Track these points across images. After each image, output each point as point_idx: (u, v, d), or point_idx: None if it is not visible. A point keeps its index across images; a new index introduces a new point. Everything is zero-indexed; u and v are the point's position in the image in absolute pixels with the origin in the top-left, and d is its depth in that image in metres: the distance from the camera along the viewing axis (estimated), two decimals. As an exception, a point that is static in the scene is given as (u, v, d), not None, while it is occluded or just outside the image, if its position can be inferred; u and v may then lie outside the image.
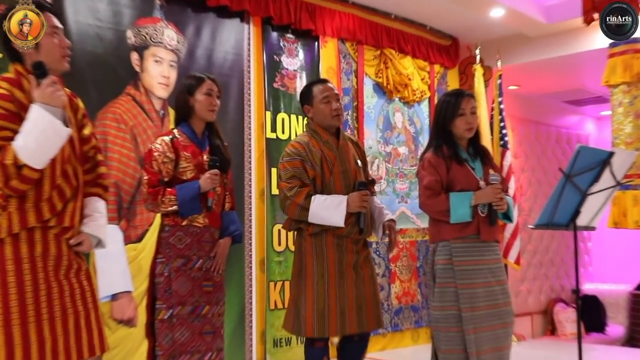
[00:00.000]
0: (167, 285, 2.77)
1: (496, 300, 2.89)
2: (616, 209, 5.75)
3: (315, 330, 3.07)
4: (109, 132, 3.98)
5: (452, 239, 2.91)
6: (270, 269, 4.78)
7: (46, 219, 2.21)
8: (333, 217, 3.06)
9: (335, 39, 5.41)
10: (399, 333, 5.77)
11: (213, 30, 4.62)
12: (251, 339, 4.65)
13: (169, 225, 2.85)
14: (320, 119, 3.26)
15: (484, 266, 2.91)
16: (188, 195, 2.79)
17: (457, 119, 2.95)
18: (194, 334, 2.75)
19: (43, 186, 2.20)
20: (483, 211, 2.91)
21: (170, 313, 2.74)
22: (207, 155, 2.93)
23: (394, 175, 5.89)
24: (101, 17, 4.02)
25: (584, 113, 9.23)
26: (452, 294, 2.88)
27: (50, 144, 2.13)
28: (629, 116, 5.80)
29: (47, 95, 2.14)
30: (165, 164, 2.82)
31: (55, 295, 2.20)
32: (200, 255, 2.85)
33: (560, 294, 8.40)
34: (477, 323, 2.82)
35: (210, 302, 2.85)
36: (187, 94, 2.94)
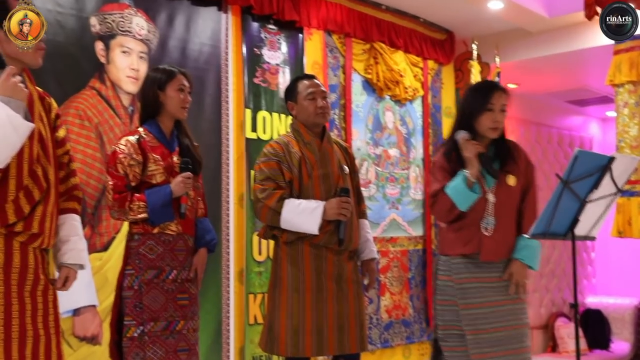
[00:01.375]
0: (138, 299, 2.74)
1: (507, 321, 2.78)
2: (621, 217, 5.79)
3: (288, 349, 3.06)
4: (71, 130, 3.93)
5: (453, 255, 2.84)
6: (250, 280, 4.76)
7: (11, 222, 2.18)
8: (306, 224, 3.03)
9: (321, 31, 5.41)
10: (389, 349, 5.78)
11: (187, 19, 4.59)
12: (229, 356, 4.62)
13: (138, 234, 2.82)
14: (304, 117, 3.26)
15: (489, 284, 2.80)
16: (159, 201, 2.76)
17: (483, 114, 2.81)
18: (168, 352, 2.73)
19: (8, 186, 2.18)
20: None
21: (141, 330, 2.72)
22: (177, 156, 2.90)
23: (384, 179, 5.89)
24: (62, 3, 3.97)
25: (588, 114, 9.32)
26: (454, 313, 2.81)
27: (8, 141, 2.11)
28: (635, 117, 5.85)
29: (7, 87, 2.12)
30: (132, 167, 2.79)
31: (14, 313, 2.17)
32: (174, 266, 2.82)
33: (561, 308, 8.44)
34: (481, 347, 2.74)
35: (186, 317, 2.83)
36: (157, 88, 2.91)
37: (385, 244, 5.82)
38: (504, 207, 2.80)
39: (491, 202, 2.79)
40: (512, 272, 2.79)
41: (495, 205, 2.79)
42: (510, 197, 2.84)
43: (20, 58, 2.28)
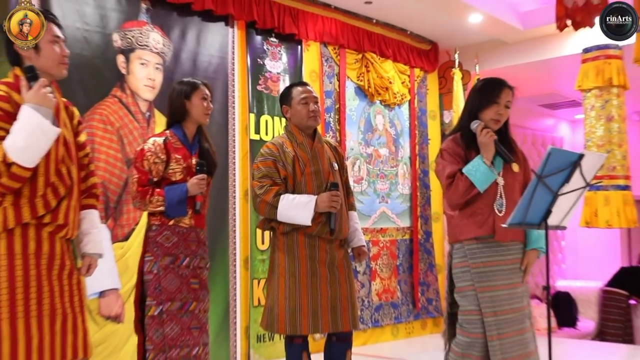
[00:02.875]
0: (157, 282, 2.78)
1: (520, 302, 2.73)
2: (588, 208, 5.84)
3: (287, 327, 3.07)
4: (96, 134, 3.98)
5: (466, 240, 2.73)
6: (254, 267, 4.80)
7: (40, 215, 2.22)
8: (300, 216, 3.04)
9: (317, 42, 5.44)
10: (379, 329, 5.82)
11: (198, 34, 4.63)
12: (235, 335, 4.67)
13: (156, 225, 2.86)
14: (297, 120, 3.26)
15: (505, 267, 2.71)
16: (175, 198, 2.80)
17: (490, 107, 2.77)
18: (183, 329, 2.77)
19: (37, 183, 2.23)
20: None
21: (160, 309, 2.76)
22: (196, 158, 2.94)
23: (375, 176, 5.93)
24: (88, 21, 4.02)
25: (559, 116, 9.34)
26: (472, 298, 2.70)
27: (39, 143, 2.16)
28: (601, 119, 5.89)
29: (39, 97, 2.17)
30: (156, 164, 2.83)
31: (45, 294, 2.22)
32: (187, 254, 2.86)
33: (534, 291, 8.49)
34: (501, 328, 2.65)
35: (198, 299, 2.86)
36: (183, 98, 2.95)
37: (375, 234, 5.86)
38: (512, 191, 2.76)
39: (501, 185, 2.73)
40: (530, 261, 2.77)
41: (504, 188, 2.74)
42: (515, 181, 2.80)
43: (48, 71, 2.32)
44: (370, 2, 5.50)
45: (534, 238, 2.78)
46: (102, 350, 3.88)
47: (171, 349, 2.72)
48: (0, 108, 2.18)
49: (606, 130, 5.87)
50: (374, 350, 5.39)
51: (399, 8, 5.66)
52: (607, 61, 5.82)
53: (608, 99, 5.87)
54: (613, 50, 5.82)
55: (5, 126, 2.16)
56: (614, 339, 7.83)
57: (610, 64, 5.82)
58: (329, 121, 5.51)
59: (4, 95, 2.21)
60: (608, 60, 5.82)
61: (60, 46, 2.35)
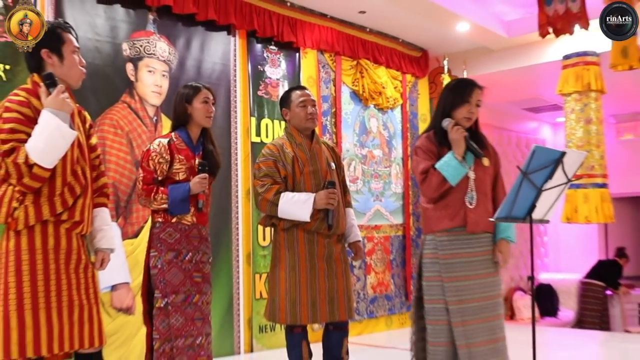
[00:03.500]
0: (162, 276, 2.78)
1: (489, 292, 2.68)
2: (568, 205, 5.87)
3: (288, 317, 3.08)
4: (106, 137, 3.99)
5: (439, 232, 2.71)
6: (256, 262, 4.81)
7: (59, 212, 2.25)
8: (299, 213, 3.05)
9: (314, 50, 5.46)
10: (374, 320, 5.84)
11: (202, 43, 4.65)
12: (239, 326, 4.69)
13: (159, 222, 2.85)
14: (296, 122, 3.26)
15: (473, 259, 2.68)
16: (179, 196, 2.79)
17: (462, 106, 2.75)
18: (187, 319, 2.76)
19: (55, 183, 2.25)
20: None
21: (165, 301, 2.76)
22: (199, 159, 2.93)
23: (369, 175, 5.95)
24: (99, 32, 4.04)
25: (541, 119, 9.37)
26: (438, 288, 2.68)
27: (57, 145, 2.18)
28: (580, 122, 5.93)
29: (57, 102, 2.19)
30: (160, 164, 2.82)
31: (64, 286, 2.24)
32: (189, 249, 2.85)
33: (519, 283, 8.54)
34: (465, 316, 2.61)
35: (200, 292, 2.86)
36: (185, 102, 2.93)
37: (370, 231, 5.89)
38: (483, 184, 2.75)
39: (472, 179, 2.70)
40: (502, 250, 2.75)
41: (475, 182, 2.72)
42: (486, 175, 2.78)
43: (67, 79, 2.35)
44: (364, 12, 5.52)
45: (502, 228, 2.76)
46: (115, 340, 3.90)
47: (177, 339, 2.72)
48: (21, 113, 2.20)
49: (585, 132, 5.91)
50: (369, 339, 5.41)
51: (391, 17, 5.68)
52: (586, 67, 5.86)
53: (587, 103, 5.91)
54: (591, 57, 5.86)
55: (26, 130, 2.18)
56: (592, 326, 7.87)
57: (588, 69, 5.86)
58: (325, 124, 5.53)
59: (23, 100, 2.23)
60: (587, 67, 5.86)
61: (79, 56, 2.38)
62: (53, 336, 2.18)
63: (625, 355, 4.98)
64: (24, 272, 2.17)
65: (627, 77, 5.96)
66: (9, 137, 2.17)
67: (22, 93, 2.26)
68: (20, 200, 2.20)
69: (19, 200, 2.20)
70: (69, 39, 2.35)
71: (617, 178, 7.56)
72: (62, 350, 2.22)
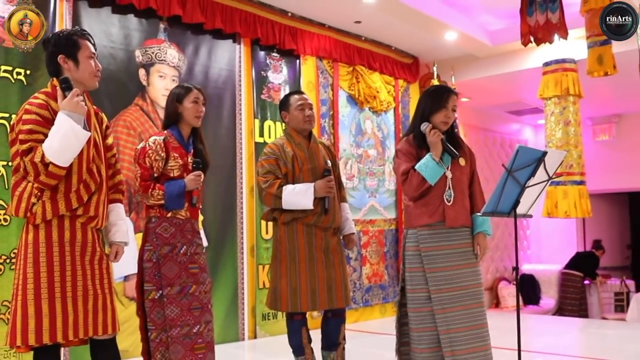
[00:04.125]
0: (156, 269, 2.69)
1: (465, 281, 2.65)
2: (549, 201, 5.87)
3: (289, 305, 3.07)
4: (120, 137, 3.97)
5: (420, 227, 2.69)
6: (259, 254, 4.80)
7: (74, 207, 2.22)
8: (303, 201, 3.04)
9: (314, 57, 5.44)
10: (369, 308, 5.83)
11: (209, 50, 4.62)
12: (243, 314, 4.67)
13: (155, 217, 2.75)
14: (294, 124, 3.24)
15: (452, 251, 2.67)
16: (174, 192, 2.72)
17: (439, 111, 2.72)
18: (183, 310, 2.67)
19: (72, 180, 2.22)
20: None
21: (160, 293, 2.68)
22: (191, 157, 2.84)
23: (365, 173, 5.94)
24: (114, 39, 4.02)
25: (523, 121, 9.36)
26: (421, 278, 2.66)
27: (71, 145, 2.15)
28: (559, 124, 5.93)
29: (72, 105, 2.17)
30: (157, 161, 2.73)
31: (79, 277, 2.21)
32: (184, 243, 2.76)
33: (503, 274, 8.54)
34: (445, 304, 2.60)
35: (197, 282, 2.76)
36: (176, 101, 2.84)
37: (365, 225, 5.87)
38: (459, 182, 2.73)
39: (449, 178, 2.69)
40: (479, 242, 2.73)
41: (452, 180, 2.70)
42: (463, 174, 2.76)
43: (84, 82, 2.32)
44: (360, 22, 5.51)
45: (479, 222, 2.75)
46: (128, 327, 3.87)
47: (172, 328, 2.64)
48: (39, 115, 2.18)
49: (564, 133, 5.91)
50: (365, 326, 5.40)
51: (385, 27, 5.67)
52: (565, 73, 5.87)
53: (565, 106, 5.90)
54: (569, 64, 5.87)
55: (43, 130, 2.16)
56: (571, 314, 7.88)
57: (567, 75, 5.86)
58: (324, 126, 5.51)
59: (42, 103, 2.21)
60: (565, 73, 5.87)
61: (95, 61, 2.35)
62: (68, 324, 2.16)
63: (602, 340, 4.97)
64: (41, 263, 2.15)
65: (602, 82, 5.99)
66: (27, 138, 2.15)
67: (42, 96, 2.24)
68: (38, 196, 2.18)
69: (37, 196, 2.18)
70: (85, 45, 2.32)
71: (594, 176, 7.57)
72: (77, 337, 2.19)
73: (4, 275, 3.36)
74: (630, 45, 5.09)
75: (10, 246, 3.38)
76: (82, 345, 2.35)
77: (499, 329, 4.09)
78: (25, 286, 2.14)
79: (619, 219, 9.89)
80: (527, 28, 4.22)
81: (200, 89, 2.91)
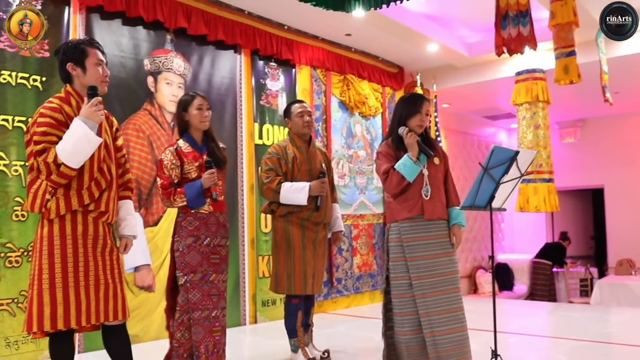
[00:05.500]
0: (182, 258, 2.72)
1: (443, 269, 2.65)
2: (521, 197, 5.87)
3: (286, 288, 3.16)
4: (130, 140, 3.91)
5: (401, 220, 2.69)
6: (259, 246, 4.76)
7: (86, 203, 2.18)
8: (298, 197, 3.12)
9: (308, 66, 5.40)
10: (360, 294, 5.80)
11: (212, 59, 4.57)
12: (245, 301, 4.63)
13: (182, 212, 2.78)
14: (295, 129, 3.31)
15: (431, 241, 2.67)
16: (194, 193, 2.72)
17: (414, 116, 2.73)
18: (204, 295, 2.69)
19: (84, 178, 2.18)
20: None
21: (185, 279, 2.70)
22: (206, 157, 2.82)
23: (355, 172, 5.91)
24: (124, 49, 3.96)
25: (498, 125, 9.38)
26: (403, 266, 2.66)
27: (84, 149, 2.11)
28: (530, 127, 5.93)
29: (89, 112, 2.12)
30: (173, 169, 2.74)
31: (91, 267, 2.16)
32: (207, 235, 2.76)
33: (480, 263, 8.55)
34: (424, 289, 2.60)
35: (217, 271, 2.77)
36: (182, 111, 2.83)
37: (356, 219, 5.84)
38: (435, 179, 2.73)
39: (426, 175, 2.70)
40: (455, 234, 2.73)
41: (429, 177, 2.72)
42: (438, 171, 2.77)
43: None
44: (350, 34, 5.48)
45: (454, 215, 2.75)
46: (137, 314, 3.82)
47: (194, 311, 2.67)
48: (53, 118, 2.13)
49: (534, 136, 5.91)
50: (356, 311, 5.37)
51: (373, 40, 5.64)
52: (535, 82, 5.86)
53: (536, 111, 5.90)
54: (539, 73, 5.87)
55: (57, 133, 2.11)
56: (541, 298, 7.89)
57: (537, 83, 5.85)
58: (318, 129, 5.47)
59: (56, 107, 2.16)
60: (535, 81, 5.86)
61: (102, 68, 2.28)
62: (81, 311, 2.11)
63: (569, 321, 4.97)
64: (55, 255, 2.10)
65: (568, 90, 6.00)
66: (41, 139, 2.10)
67: (56, 101, 2.19)
68: (52, 193, 2.13)
69: (51, 193, 2.13)
70: (92, 52, 2.25)
71: (561, 174, 7.58)
72: (89, 323, 2.14)
73: (22, 267, 3.31)
74: (592, 57, 5.12)
75: (28, 240, 3.33)
76: (94, 330, 2.30)
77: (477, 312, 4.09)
78: (41, 276, 2.09)
79: (583, 213, 9.94)
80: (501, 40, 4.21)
81: (203, 95, 2.88)
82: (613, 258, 8.20)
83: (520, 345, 3.88)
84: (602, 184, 8.66)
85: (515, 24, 4.14)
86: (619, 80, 6.06)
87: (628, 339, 3.93)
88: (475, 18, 5.59)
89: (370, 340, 3.99)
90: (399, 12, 5.06)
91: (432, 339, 2.56)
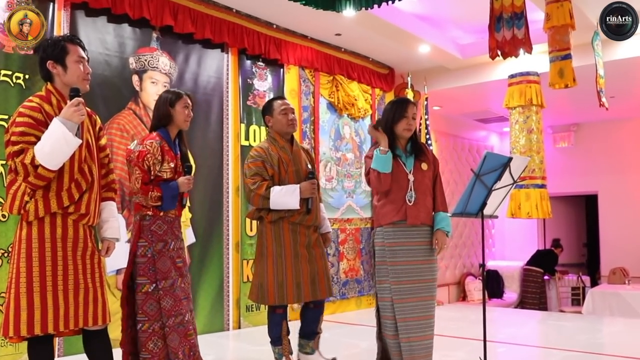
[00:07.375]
0: (151, 264, 2.67)
1: (422, 276, 2.71)
2: (513, 203, 5.93)
3: (276, 298, 3.06)
4: (114, 139, 3.91)
5: (386, 225, 2.74)
6: (244, 249, 4.77)
7: (66, 205, 2.18)
8: (290, 202, 3.05)
9: (296, 66, 5.42)
10: (346, 300, 5.83)
11: (199, 58, 4.58)
12: (228, 306, 4.64)
13: (149, 215, 2.71)
14: (278, 127, 3.22)
15: (413, 247, 2.72)
16: (170, 194, 2.71)
17: (401, 120, 2.79)
18: (176, 301, 2.67)
19: (63, 179, 2.18)
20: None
21: (154, 286, 2.66)
22: (179, 160, 2.81)
23: (343, 175, 5.94)
24: (109, 47, 3.96)
25: (490, 129, 9.44)
26: (385, 270, 2.73)
27: (62, 151, 2.10)
28: (523, 131, 6.00)
29: (69, 113, 2.12)
30: (154, 164, 2.69)
31: (70, 271, 2.17)
32: (173, 239, 2.76)
33: (470, 270, 8.61)
34: (402, 295, 2.66)
35: (182, 275, 2.76)
36: (168, 105, 2.79)
37: (343, 224, 5.87)
38: (421, 185, 2.77)
39: (411, 181, 2.73)
40: (438, 239, 2.78)
41: (414, 183, 2.74)
42: (425, 177, 2.80)
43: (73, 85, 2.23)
44: (340, 34, 5.51)
45: (438, 220, 2.80)
46: (119, 318, 3.79)
47: (168, 318, 2.64)
48: (32, 117, 2.13)
49: (527, 140, 5.98)
50: (342, 318, 5.40)
51: (363, 39, 5.68)
52: (528, 85, 5.93)
53: (529, 115, 5.97)
54: (533, 76, 5.93)
55: (35, 133, 2.11)
56: (532, 307, 7.96)
57: (530, 87, 5.92)
58: (305, 130, 5.50)
59: (35, 106, 2.16)
60: (529, 84, 5.93)
61: (84, 65, 2.28)
62: (59, 316, 2.12)
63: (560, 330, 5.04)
64: (34, 258, 2.11)
65: (563, 94, 6.07)
66: (19, 139, 2.10)
67: (36, 99, 2.19)
68: (30, 194, 2.13)
69: (30, 194, 2.13)
70: (73, 49, 2.25)
71: (554, 180, 7.68)
72: (67, 328, 2.15)
73: (2, 268, 3.30)
74: (588, 60, 5.19)
75: (8, 241, 3.32)
76: (74, 335, 2.31)
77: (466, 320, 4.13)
78: (18, 280, 2.09)
79: (576, 219, 10.05)
80: (495, 43, 4.24)
81: (190, 95, 2.88)
82: (606, 266, 8.30)
83: (510, 355, 3.91)
84: (595, 190, 8.76)
85: (510, 26, 4.17)
86: (615, 85, 6.13)
87: (620, 350, 3.98)
88: (468, 19, 5.65)
89: (355, 347, 4.02)
90: (390, 12, 5.10)
91: (408, 344, 2.64)
